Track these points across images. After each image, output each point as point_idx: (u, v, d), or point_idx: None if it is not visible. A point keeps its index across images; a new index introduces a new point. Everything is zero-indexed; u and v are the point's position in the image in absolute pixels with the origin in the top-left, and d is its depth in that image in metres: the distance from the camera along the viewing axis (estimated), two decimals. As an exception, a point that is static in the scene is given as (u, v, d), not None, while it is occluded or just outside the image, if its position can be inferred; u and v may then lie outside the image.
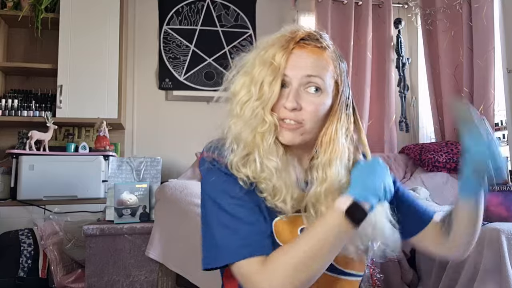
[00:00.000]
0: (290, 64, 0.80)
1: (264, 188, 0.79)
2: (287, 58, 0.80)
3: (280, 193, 0.79)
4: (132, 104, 3.30)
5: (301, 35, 0.82)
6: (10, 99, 2.94)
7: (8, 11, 3.02)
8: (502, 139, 2.83)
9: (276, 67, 0.79)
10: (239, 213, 0.78)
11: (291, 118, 0.80)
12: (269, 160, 0.79)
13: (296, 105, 0.79)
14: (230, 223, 0.77)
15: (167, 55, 3.36)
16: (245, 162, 0.79)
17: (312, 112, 0.80)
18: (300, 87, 0.81)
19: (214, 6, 3.48)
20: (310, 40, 0.83)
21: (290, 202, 0.79)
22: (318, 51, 0.83)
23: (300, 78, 0.80)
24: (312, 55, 0.82)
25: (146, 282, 1.86)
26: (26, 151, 2.71)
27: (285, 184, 0.79)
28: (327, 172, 0.81)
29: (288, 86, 0.81)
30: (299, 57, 0.81)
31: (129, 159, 2.35)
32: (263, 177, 0.79)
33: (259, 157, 0.79)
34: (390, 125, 3.30)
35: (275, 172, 0.79)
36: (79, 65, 2.96)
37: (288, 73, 0.80)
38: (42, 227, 2.30)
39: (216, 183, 0.81)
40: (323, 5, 3.33)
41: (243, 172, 0.79)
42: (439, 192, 2.66)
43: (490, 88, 2.77)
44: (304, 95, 0.81)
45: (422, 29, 3.33)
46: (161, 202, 1.92)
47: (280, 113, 0.80)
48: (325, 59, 0.83)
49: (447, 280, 1.52)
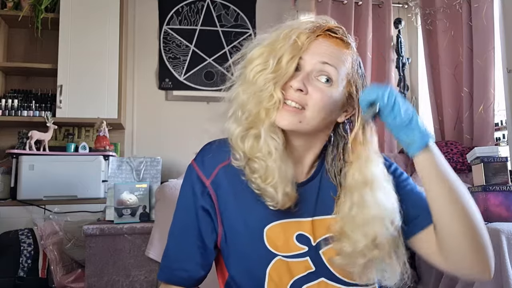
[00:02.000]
0: (311, 49, 0.79)
1: (257, 168, 0.77)
2: (310, 42, 0.79)
3: (273, 177, 0.76)
4: (132, 104, 3.30)
5: (330, 26, 0.82)
6: (10, 99, 2.94)
7: (8, 11, 3.02)
8: (502, 139, 2.83)
9: (298, 46, 0.77)
10: (178, 240, 0.84)
11: (295, 100, 0.77)
12: (271, 138, 0.77)
13: (303, 87, 0.76)
14: (170, 242, 0.85)
15: (167, 55, 3.36)
16: (244, 135, 0.78)
17: (317, 99, 0.77)
18: (312, 73, 0.78)
19: (214, 6, 3.48)
20: (337, 33, 0.82)
21: (282, 193, 0.76)
22: (342, 44, 0.81)
23: (314, 63, 0.78)
24: (335, 46, 0.80)
25: (146, 282, 1.86)
26: (26, 151, 2.71)
27: (280, 171, 0.76)
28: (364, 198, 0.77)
29: (301, 70, 0.79)
30: (321, 44, 0.80)
31: (129, 159, 2.35)
32: (258, 156, 0.77)
33: (263, 132, 0.76)
34: (390, 125, 3.30)
35: (274, 153, 0.76)
36: (79, 65, 2.97)
37: (305, 57, 0.78)
38: (42, 227, 2.30)
39: (181, 196, 0.86)
40: (323, 5, 3.33)
41: (240, 146, 0.78)
42: (439, 192, 2.66)
43: (490, 88, 2.77)
44: (313, 81, 0.78)
45: (422, 29, 3.33)
46: (161, 202, 1.92)
47: (287, 92, 0.77)
48: (346, 54, 0.81)
49: (447, 280, 1.52)
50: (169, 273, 0.84)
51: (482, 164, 1.52)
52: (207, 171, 0.82)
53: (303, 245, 0.81)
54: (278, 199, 0.76)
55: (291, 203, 0.78)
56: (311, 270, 0.80)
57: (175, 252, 0.84)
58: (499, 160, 1.52)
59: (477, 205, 1.56)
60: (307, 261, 0.81)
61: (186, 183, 0.84)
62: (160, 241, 1.83)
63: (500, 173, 1.50)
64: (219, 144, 0.84)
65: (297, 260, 0.80)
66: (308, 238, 0.81)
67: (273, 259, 0.79)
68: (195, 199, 0.82)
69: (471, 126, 2.91)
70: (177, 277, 0.83)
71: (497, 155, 1.55)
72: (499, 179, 1.49)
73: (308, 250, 0.81)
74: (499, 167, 1.51)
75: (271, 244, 0.80)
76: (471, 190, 1.59)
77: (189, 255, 0.82)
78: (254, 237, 0.80)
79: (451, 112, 3.11)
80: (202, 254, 0.83)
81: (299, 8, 3.45)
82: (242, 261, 0.81)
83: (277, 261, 0.80)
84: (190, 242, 0.83)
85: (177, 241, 0.84)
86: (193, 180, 0.83)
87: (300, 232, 0.81)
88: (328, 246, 0.81)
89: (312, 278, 0.80)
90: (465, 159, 2.72)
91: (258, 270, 0.80)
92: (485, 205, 1.48)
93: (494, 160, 1.52)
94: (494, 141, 2.78)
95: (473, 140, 2.87)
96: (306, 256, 0.81)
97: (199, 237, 0.82)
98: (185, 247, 0.83)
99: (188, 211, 0.83)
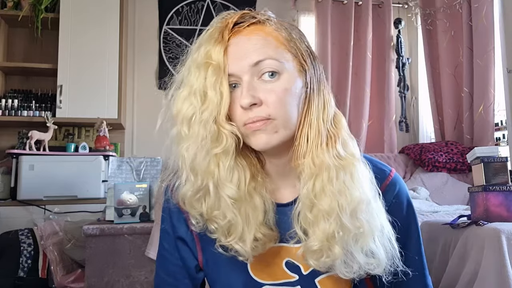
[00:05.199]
0: (231, 58, 0.65)
1: (216, 228, 0.67)
2: (225, 52, 0.65)
3: (236, 231, 0.66)
4: (132, 104, 3.30)
5: (233, 20, 0.67)
6: (10, 99, 2.94)
7: (8, 11, 3.03)
8: (502, 139, 2.83)
9: (216, 65, 0.64)
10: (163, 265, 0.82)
11: (256, 118, 0.64)
12: (225, 187, 0.65)
13: (253, 99, 0.63)
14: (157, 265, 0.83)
15: (167, 55, 3.36)
16: (200, 196, 0.67)
17: (275, 103, 0.64)
18: (253, 78, 0.65)
19: (214, 6, 3.48)
20: (244, 20, 0.68)
21: (251, 242, 0.66)
22: (256, 28, 0.67)
23: (247, 69, 0.65)
24: (252, 36, 0.66)
25: (146, 282, 1.86)
26: (26, 151, 2.71)
27: (246, 218, 0.66)
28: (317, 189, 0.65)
29: (240, 84, 0.66)
30: (237, 45, 0.66)
31: (129, 159, 2.34)
32: (214, 214, 0.67)
33: (213, 186, 0.65)
34: (390, 125, 3.30)
35: (231, 204, 0.65)
36: (79, 65, 2.97)
37: (233, 69, 0.65)
38: (42, 227, 2.29)
39: (162, 221, 0.82)
40: (323, 5, 3.33)
41: (197, 209, 0.68)
42: (439, 192, 2.66)
43: (490, 88, 2.77)
44: (260, 85, 0.65)
45: (422, 29, 3.33)
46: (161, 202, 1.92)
47: (243, 118, 0.65)
48: (269, 34, 0.67)
49: (447, 280, 1.52)
50: None
51: (482, 164, 1.52)
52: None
53: (293, 273, 0.72)
54: (248, 251, 0.66)
55: (272, 242, 0.69)
56: None
57: (163, 276, 0.82)
58: (499, 160, 1.52)
59: (477, 205, 1.56)
60: None
61: (163, 209, 0.80)
62: (160, 241, 1.83)
63: (500, 173, 1.50)
64: None
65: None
66: (298, 267, 0.72)
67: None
68: (172, 227, 0.79)
69: (471, 126, 2.91)
70: None
71: (497, 155, 1.55)
72: (499, 179, 1.50)
73: (298, 279, 0.72)
74: (499, 167, 1.51)
75: (256, 273, 0.72)
76: (471, 190, 1.59)
77: (176, 279, 0.80)
78: (236, 265, 0.72)
79: (451, 112, 3.11)
80: (188, 278, 0.80)
81: (299, 8, 3.45)
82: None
83: None
84: (176, 268, 0.80)
85: (163, 266, 0.82)
86: (167, 205, 0.78)
87: (288, 259, 0.72)
88: (326, 274, 0.71)
89: None
90: (465, 159, 2.72)
91: None
92: (485, 205, 1.48)
93: (494, 160, 1.52)
94: (494, 141, 2.79)
95: (473, 140, 2.87)
96: (296, 286, 0.72)
97: (182, 263, 0.79)
98: (171, 272, 0.80)
99: (168, 238, 0.80)
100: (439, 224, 1.61)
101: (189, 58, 0.70)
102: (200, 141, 0.64)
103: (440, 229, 1.59)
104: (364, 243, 0.64)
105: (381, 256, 0.65)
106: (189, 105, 0.65)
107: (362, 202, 0.64)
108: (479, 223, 1.42)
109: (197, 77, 0.66)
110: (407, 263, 0.69)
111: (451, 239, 1.52)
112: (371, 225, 0.65)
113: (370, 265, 0.65)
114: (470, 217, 1.60)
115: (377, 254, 0.65)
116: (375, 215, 0.66)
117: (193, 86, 0.66)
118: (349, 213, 0.64)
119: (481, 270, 1.35)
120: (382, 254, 0.65)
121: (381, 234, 0.66)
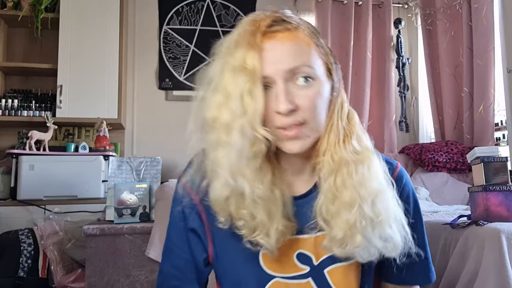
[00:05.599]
0: (265, 61, 0.66)
1: (243, 225, 0.70)
2: (259, 56, 0.66)
3: (261, 227, 0.68)
4: (132, 104, 3.30)
5: (266, 24, 0.68)
6: (10, 99, 2.94)
7: (8, 11, 3.02)
8: (502, 139, 2.83)
9: (251, 70, 0.65)
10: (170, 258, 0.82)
11: (291, 123, 0.67)
12: (254, 188, 0.67)
13: (292, 106, 0.66)
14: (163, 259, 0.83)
15: (167, 55, 3.36)
16: (231, 198, 0.69)
17: (310, 108, 0.67)
18: (288, 84, 0.67)
19: (214, 6, 3.48)
20: (278, 25, 0.69)
21: (275, 235, 0.69)
22: (291, 34, 0.69)
23: (282, 73, 0.67)
24: (287, 42, 0.68)
25: (146, 282, 1.86)
26: (26, 151, 2.71)
27: (269, 214, 0.68)
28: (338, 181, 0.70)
29: (273, 86, 0.67)
30: (272, 51, 0.67)
31: (129, 159, 2.34)
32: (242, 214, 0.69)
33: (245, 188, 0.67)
34: (390, 125, 3.30)
35: (259, 203, 0.68)
36: (79, 65, 2.97)
37: (268, 72, 0.66)
38: (42, 227, 2.29)
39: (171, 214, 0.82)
40: (323, 5, 3.33)
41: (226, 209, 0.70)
42: (439, 192, 2.66)
43: (490, 88, 2.77)
44: (294, 90, 0.67)
45: (422, 29, 3.33)
46: (161, 202, 1.92)
47: (276, 121, 0.67)
48: (302, 40, 0.69)
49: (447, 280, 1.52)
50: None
51: (482, 164, 1.52)
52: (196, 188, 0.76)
53: (304, 265, 0.75)
54: (272, 244, 0.69)
55: (290, 234, 0.72)
56: None
57: (169, 269, 0.81)
58: (499, 160, 1.51)
59: (477, 205, 1.56)
60: (309, 283, 0.74)
61: (175, 201, 0.81)
62: (160, 241, 1.83)
63: (500, 173, 1.50)
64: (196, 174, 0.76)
65: (297, 281, 0.74)
66: (309, 258, 0.75)
67: (270, 281, 0.74)
68: (184, 219, 0.79)
69: (471, 126, 2.91)
70: None
71: (497, 155, 1.54)
72: (499, 179, 1.49)
73: (310, 271, 0.74)
74: (499, 167, 1.51)
75: (268, 265, 0.74)
76: (471, 190, 1.59)
77: (182, 273, 0.80)
78: (248, 258, 0.74)
79: (451, 112, 3.11)
80: (194, 272, 0.80)
81: (299, 8, 3.45)
82: (235, 282, 0.76)
83: (274, 283, 0.74)
84: (182, 261, 0.80)
85: (169, 258, 0.82)
86: (181, 198, 0.79)
87: (301, 251, 0.75)
88: (336, 265, 0.74)
89: None
90: (465, 159, 2.72)
91: None
92: (485, 205, 1.48)
93: (494, 160, 1.52)
94: (494, 141, 2.79)
95: (473, 140, 2.87)
96: (308, 277, 0.74)
97: (190, 257, 0.79)
98: (178, 265, 0.80)
99: (178, 230, 0.80)
100: (439, 224, 1.61)
101: (220, 59, 0.70)
102: (237, 147, 0.65)
103: (440, 229, 1.59)
104: (382, 230, 0.69)
105: (397, 240, 0.70)
106: (225, 112, 0.66)
107: (380, 192, 0.70)
108: (479, 223, 1.42)
109: (232, 82, 0.66)
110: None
111: (451, 239, 1.52)
112: (388, 212, 0.69)
113: (386, 248, 0.70)
114: (470, 217, 1.60)
115: (394, 239, 0.69)
116: (390, 203, 0.70)
117: (228, 91, 0.66)
118: (370, 203, 0.68)
119: (481, 270, 1.35)
120: (398, 238, 0.70)
121: (396, 220, 0.70)
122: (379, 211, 0.68)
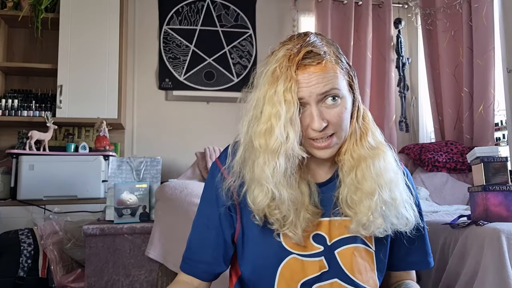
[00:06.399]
0: (301, 88, 0.78)
1: (275, 220, 0.80)
2: (296, 86, 0.78)
3: (289, 221, 0.79)
4: (132, 104, 3.30)
5: (299, 58, 0.79)
6: (10, 99, 2.94)
7: (8, 11, 3.03)
8: (502, 139, 2.83)
9: (290, 101, 0.77)
10: (200, 233, 0.89)
11: (322, 137, 0.80)
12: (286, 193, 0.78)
13: (325, 123, 0.79)
14: (192, 234, 0.90)
15: (167, 55, 3.36)
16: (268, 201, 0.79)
17: (338, 123, 0.80)
18: (319, 104, 0.79)
19: (214, 6, 3.48)
20: (309, 58, 0.79)
21: (303, 224, 0.80)
22: (321, 65, 0.79)
23: (315, 97, 0.79)
24: (318, 72, 0.79)
25: (146, 282, 1.86)
26: (26, 151, 2.71)
27: (296, 210, 0.79)
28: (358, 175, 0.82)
29: (307, 107, 0.80)
30: (307, 80, 0.78)
31: (129, 159, 2.34)
32: (274, 213, 0.79)
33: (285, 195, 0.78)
34: (390, 125, 3.30)
35: (291, 205, 0.79)
36: (79, 65, 2.97)
37: (302, 95, 0.78)
38: (42, 227, 2.29)
39: (205, 190, 0.90)
40: (323, 5, 3.33)
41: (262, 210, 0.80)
42: (439, 192, 2.66)
43: (490, 88, 2.77)
44: (324, 109, 0.80)
45: (422, 29, 3.33)
46: (161, 202, 1.92)
47: (310, 134, 0.80)
48: (330, 68, 0.80)
49: (447, 280, 1.52)
50: (191, 264, 0.88)
51: (482, 164, 1.52)
52: (231, 169, 0.84)
53: (319, 244, 0.84)
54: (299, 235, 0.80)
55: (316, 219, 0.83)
56: (325, 269, 0.83)
57: (197, 244, 0.88)
58: (499, 160, 1.51)
59: (477, 205, 1.56)
60: (322, 260, 0.84)
61: (210, 179, 0.88)
62: (160, 241, 1.83)
63: (500, 173, 1.50)
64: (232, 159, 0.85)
65: (312, 259, 0.83)
66: (325, 238, 0.85)
67: (287, 257, 0.83)
68: (217, 195, 0.85)
69: (471, 126, 2.91)
70: (199, 269, 0.88)
71: (497, 155, 1.54)
72: (499, 179, 1.49)
73: (323, 250, 0.84)
74: (499, 167, 1.51)
75: (287, 242, 0.83)
76: (471, 190, 1.59)
77: (210, 248, 0.87)
78: (270, 235, 0.83)
79: (451, 112, 3.11)
80: (223, 247, 0.87)
81: (299, 8, 3.45)
82: (256, 256, 0.84)
83: (291, 259, 0.83)
84: (212, 235, 0.87)
85: (199, 234, 0.88)
86: (216, 176, 0.86)
87: (317, 232, 0.85)
88: (345, 246, 0.84)
89: (325, 278, 0.83)
90: (465, 159, 2.72)
91: (270, 266, 0.83)
92: (485, 205, 1.48)
93: (494, 160, 1.52)
94: (494, 141, 2.78)
95: (473, 140, 2.87)
96: (321, 256, 0.84)
97: (221, 231, 0.87)
98: (207, 240, 0.87)
99: (211, 206, 0.87)
100: (439, 224, 1.61)
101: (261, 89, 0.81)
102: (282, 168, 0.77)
103: (440, 229, 1.59)
104: (398, 211, 0.82)
105: (410, 217, 0.83)
106: (271, 139, 0.77)
107: (395, 179, 0.83)
108: (479, 223, 1.42)
109: (276, 113, 0.77)
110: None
111: (451, 239, 1.52)
112: (402, 196, 0.83)
113: (401, 224, 0.83)
114: (470, 217, 1.60)
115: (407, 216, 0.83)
116: (402, 187, 0.84)
117: (272, 121, 0.78)
118: (388, 190, 0.81)
119: (480, 270, 1.35)
120: (411, 215, 0.84)
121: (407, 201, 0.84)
122: (395, 196, 0.81)
